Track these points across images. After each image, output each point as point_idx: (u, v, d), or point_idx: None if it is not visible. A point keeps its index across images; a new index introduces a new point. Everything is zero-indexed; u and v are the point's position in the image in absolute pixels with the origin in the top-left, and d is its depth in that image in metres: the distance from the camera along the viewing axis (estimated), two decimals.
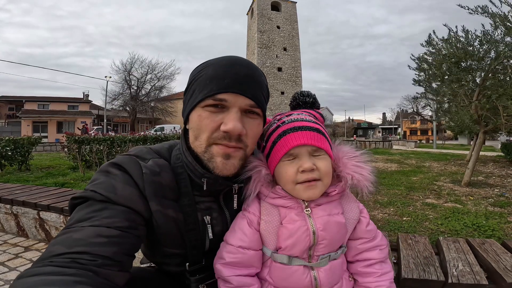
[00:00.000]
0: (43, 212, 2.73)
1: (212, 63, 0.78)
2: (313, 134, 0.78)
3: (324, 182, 0.77)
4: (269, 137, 0.83)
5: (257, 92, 0.77)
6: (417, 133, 60.56)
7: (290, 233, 0.77)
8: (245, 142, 0.77)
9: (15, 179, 5.56)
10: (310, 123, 0.81)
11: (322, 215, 0.78)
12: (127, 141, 7.52)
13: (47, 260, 0.56)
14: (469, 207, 3.64)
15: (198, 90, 0.76)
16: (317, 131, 0.79)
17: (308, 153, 0.77)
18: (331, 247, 0.80)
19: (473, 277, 1.31)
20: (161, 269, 0.93)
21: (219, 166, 0.76)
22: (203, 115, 0.75)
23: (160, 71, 36.25)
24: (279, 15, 46.79)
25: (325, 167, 0.77)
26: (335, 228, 0.78)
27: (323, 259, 0.79)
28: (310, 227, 0.77)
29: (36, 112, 35.74)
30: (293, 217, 0.78)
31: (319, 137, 0.78)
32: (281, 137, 0.79)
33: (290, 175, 0.77)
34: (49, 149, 16.62)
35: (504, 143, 10.88)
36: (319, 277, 0.79)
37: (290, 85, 45.41)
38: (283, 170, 0.78)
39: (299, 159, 0.76)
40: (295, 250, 0.78)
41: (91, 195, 0.70)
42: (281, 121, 0.83)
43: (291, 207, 0.79)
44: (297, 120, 0.81)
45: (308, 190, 0.76)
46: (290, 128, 0.79)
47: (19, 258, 2.49)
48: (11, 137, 7.42)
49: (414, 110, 42.04)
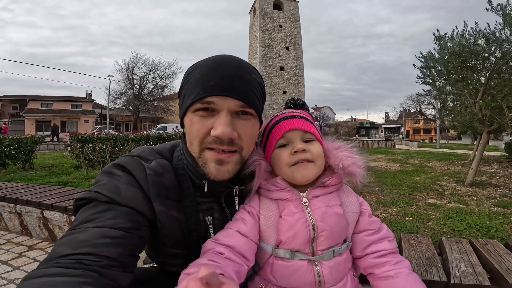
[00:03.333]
0: (46, 211, 2.74)
1: (200, 64, 0.76)
2: (302, 121, 0.85)
3: (317, 163, 0.82)
4: (265, 129, 0.90)
5: (247, 91, 0.74)
6: (420, 133, 60.27)
7: (290, 225, 0.78)
8: (239, 145, 0.75)
9: (18, 178, 5.60)
10: (300, 113, 0.89)
11: (320, 206, 0.80)
12: (129, 140, 7.54)
13: (52, 261, 0.57)
14: (472, 208, 3.62)
15: (187, 94, 0.75)
16: (306, 119, 0.87)
17: (299, 137, 0.83)
18: (332, 240, 0.80)
19: (475, 278, 1.31)
20: (164, 269, 0.94)
21: (212, 172, 0.75)
22: (193, 119, 0.74)
23: (163, 70, 36.47)
24: (281, 14, 46.74)
25: (316, 149, 0.82)
26: (334, 218, 0.80)
27: (327, 253, 0.79)
28: (308, 218, 0.78)
29: (40, 111, 35.96)
30: (292, 209, 0.80)
31: (308, 124, 0.86)
32: (275, 125, 0.86)
33: (285, 158, 0.82)
34: (53, 148, 16.73)
35: (508, 143, 10.81)
36: (322, 273, 0.78)
37: (292, 84, 45.39)
38: (278, 155, 0.83)
39: (292, 144, 0.82)
40: (296, 242, 0.78)
41: (95, 196, 0.70)
42: (274, 115, 0.92)
43: (289, 200, 0.82)
44: (287, 112, 0.91)
45: (302, 170, 0.80)
46: (282, 118, 0.87)
47: (22, 257, 2.50)
48: (14, 136, 7.47)
49: (417, 109, 41.84)
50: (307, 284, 0.79)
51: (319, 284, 0.79)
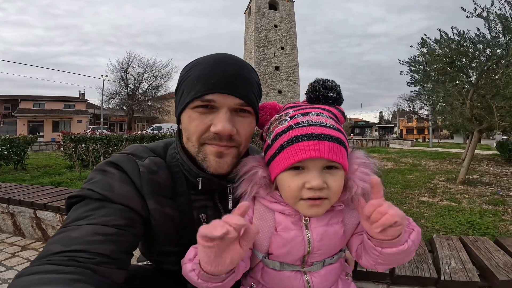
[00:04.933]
0: (39, 211, 2.72)
1: (200, 62, 0.77)
2: (332, 146, 0.64)
3: (332, 200, 0.67)
4: (276, 137, 0.70)
5: (246, 90, 0.75)
6: (413, 132, 60.78)
7: (284, 243, 0.72)
8: (237, 141, 0.77)
9: (11, 179, 5.53)
10: (331, 130, 0.66)
11: (320, 225, 0.72)
12: (123, 140, 7.49)
13: (45, 258, 0.57)
14: (464, 205, 3.68)
15: (186, 91, 0.76)
16: (337, 141, 0.65)
17: (320, 167, 0.64)
18: (327, 255, 0.77)
19: (465, 274, 1.33)
20: (158, 267, 0.94)
21: (213, 165, 0.76)
22: (192, 116, 0.75)
23: (158, 70, 36.23)
24: (276, 14, 46.78)
25: (337, 185, 0.66)
26: (333, 238, 0.74)
27: (316, 265, 0.76)
28: (305, 237, 0.71)
29: (32, 111, 35.45)
30: (289, 226, 0.72)
31: (339, 149, 0.65)
32: (291, 143, 0.65)
33: (294, 190, 0.66)
34: (45, 148, 16.54)
35: (499, 141, 10.98)
36: (312, 282, 0.76)
37: (287, 84, 45.46)
38: (286, 183, 0.67)
39: (307, 173, 0.65)
40: (288, 258, 0.75)
41: (88, 193, 0.70)
42: (295, 121, 0.68)
43: (288, 214, 0.72)
44: (315, 124, 0.66)
45: (312, 209, 0.66)
46: (305, 135, 0.64)
47: (16, 257, 2.48)
48: (6, 136, 7.37)
49: (410, 109, 42.20)
50: None
51: None
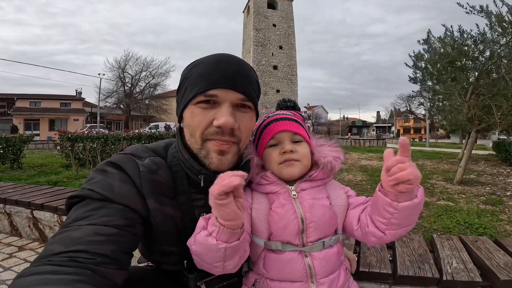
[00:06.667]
0: (36, 211, 2.69)
1: (202, 61, 0.80)
2: (292, 123, 0.91)
3: (302, 162, 0.88)
4: (257, 128, 0.95)
5: (247, 86, 0.79)
6: (410, 132, 61.06)
7: (280, 217, 0.83)
8: (238, 136, 0.79)
9: (7, 178, 5.49)
10: (290, 115, 0.95)
11: (307, 198, 0.86)
12: (121, 138, 7.46)
13: (45, 259, 0.56)
14: (461, 205, 3.70)
15: (189, 88, 0.78)
16: (296, 122, 0.93)
17: (289, 139, 0.89)
18: (320, 231, 0.83)
19: (467, 274, 1.33)
20: (159, 268, 0.93)
21: (215, 162, 0.78)
22: (195, 111, 0.77)
23: (155, 69, 36.01)
24: (275, 13, 46.74)
25: (303, 150, 0.89)
26: (320, 210, 0.84)
27: (316, 244, 0.83)
28: (297, 210, 0.83)
29: (28, 109, 35.17)
30: (281, 201, 0.85)
31: (297, 126, 0.92)
32: (266, 126, 0.92)
33: (274, 158, 0.88)
34: (41, 147, 16.45)
35: (496, 141, 11.05)
36: (313, 265, 0.81)
37: (285, 83, 45.45)
38: (269, 154, 0.90)
39: (281, 144, 0.89)
40: (287, 233, 0.82)
41: (88, 193, 0.70)
42: (266, 116, 0.97)
43: (279, 193, 0.87)
44: (279, 114, 0.96)
45: (288, 168, 0.87)
46: (273, 119, 0.93)
47: (13, 257, 2.45)
48: (2, 135, 7.31)
49: (407, 109, 42.40)
50: (298, 277, 0.81)
51: (310, 276, 0.81)
